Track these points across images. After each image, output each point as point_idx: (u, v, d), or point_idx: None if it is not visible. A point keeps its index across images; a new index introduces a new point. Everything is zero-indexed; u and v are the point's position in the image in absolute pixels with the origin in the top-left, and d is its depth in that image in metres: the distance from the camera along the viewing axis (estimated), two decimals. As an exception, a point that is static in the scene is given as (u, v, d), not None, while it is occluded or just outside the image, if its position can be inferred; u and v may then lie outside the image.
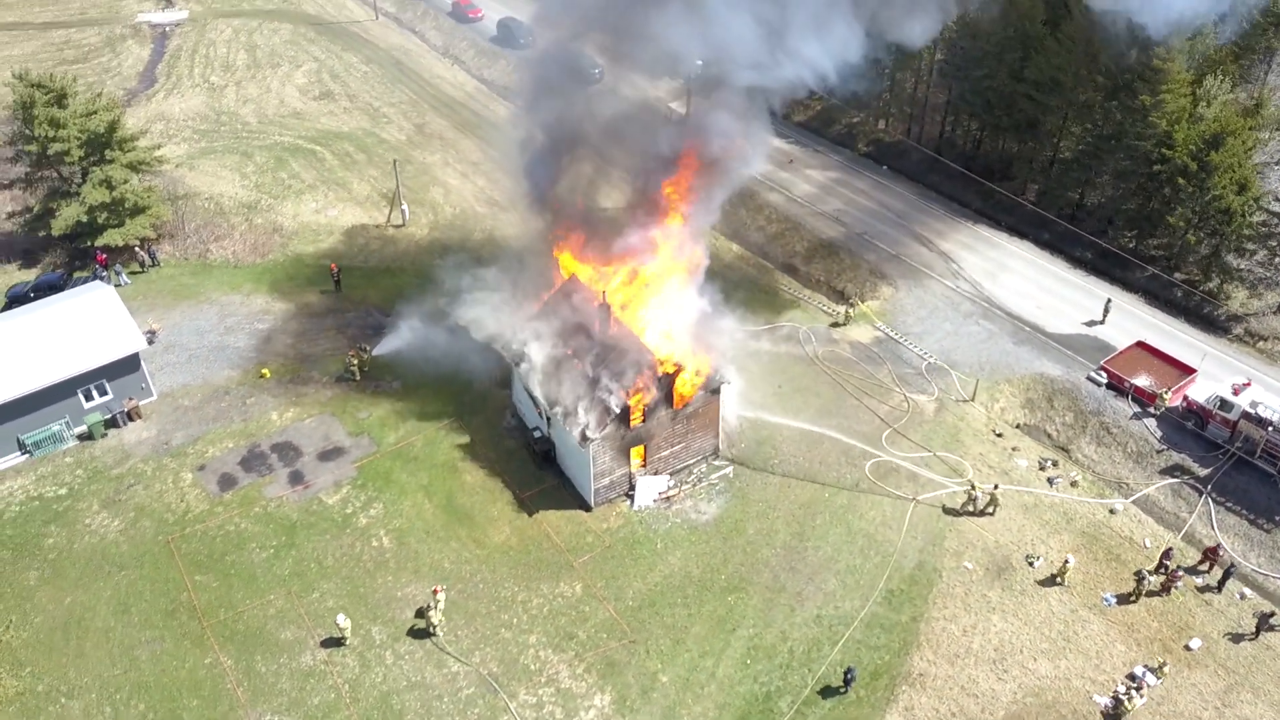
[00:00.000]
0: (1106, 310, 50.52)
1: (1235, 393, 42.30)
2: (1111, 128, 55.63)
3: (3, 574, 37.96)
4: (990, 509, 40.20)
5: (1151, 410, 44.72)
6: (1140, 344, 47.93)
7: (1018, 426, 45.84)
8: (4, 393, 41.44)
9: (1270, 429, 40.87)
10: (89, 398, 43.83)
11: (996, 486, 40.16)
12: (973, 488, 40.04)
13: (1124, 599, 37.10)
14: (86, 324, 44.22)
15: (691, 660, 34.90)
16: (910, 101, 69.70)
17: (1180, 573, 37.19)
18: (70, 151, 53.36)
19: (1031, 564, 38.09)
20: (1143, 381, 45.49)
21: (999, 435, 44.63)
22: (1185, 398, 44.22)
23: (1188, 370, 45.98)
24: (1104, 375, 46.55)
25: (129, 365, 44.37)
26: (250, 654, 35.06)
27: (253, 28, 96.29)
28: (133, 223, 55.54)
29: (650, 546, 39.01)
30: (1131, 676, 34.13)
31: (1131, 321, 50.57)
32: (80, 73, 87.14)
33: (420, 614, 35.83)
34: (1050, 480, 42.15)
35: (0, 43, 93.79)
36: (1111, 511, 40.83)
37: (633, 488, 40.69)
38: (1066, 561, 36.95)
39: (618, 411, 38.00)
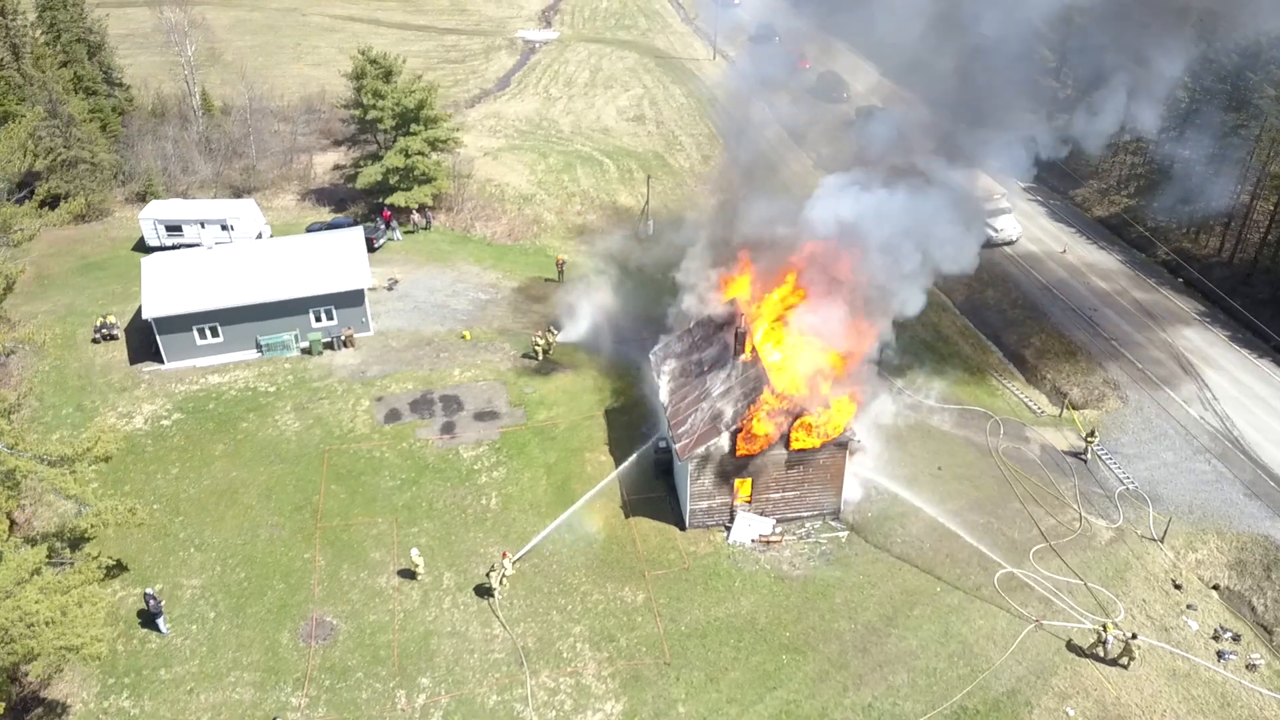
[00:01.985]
0: (1384, 485, 41.06)
1: None
2: None
3: (202, 440, 44.87)
4: (1124, 660, 34.20)
5: (1399, 615, 35.70)
6: None
7: (1214, 587, 38.54)
8: (256, 296, 49.05)
9: None
10: (318, 319, 50.54)
11: (1134, 636, 34.07)
12: (1104, 629, 34.31)
13: (1258, 816, 29.97)
14: (332, 258, 51.18)
15: (716, 702, 33.23)
16: (1230, 212, 60.89)
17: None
18: (384, 120, 61.94)
19: (1150, 737, 31.92)
20: (1399, 578, 36.44)
21: (1177, 587, 37.82)
22: None
23: None
24: (1349, 558, 37.88)
25: (354, 299, 50.59)
26: (340, 561, 38.59)
27: (605, 53, 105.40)
28: (419, 189, 63.24)
29: (728, 582, 37.66)
30: None
31: None
32: (453, 71, 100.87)
33: (489, 574, 37.36)
34: (1220, 654, 34.99)
35: (409, 39, 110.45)
36: (1289, 713, 33.11)
37: (733, 519, 39.52)
38: None
39: (720, 437, 37.24)
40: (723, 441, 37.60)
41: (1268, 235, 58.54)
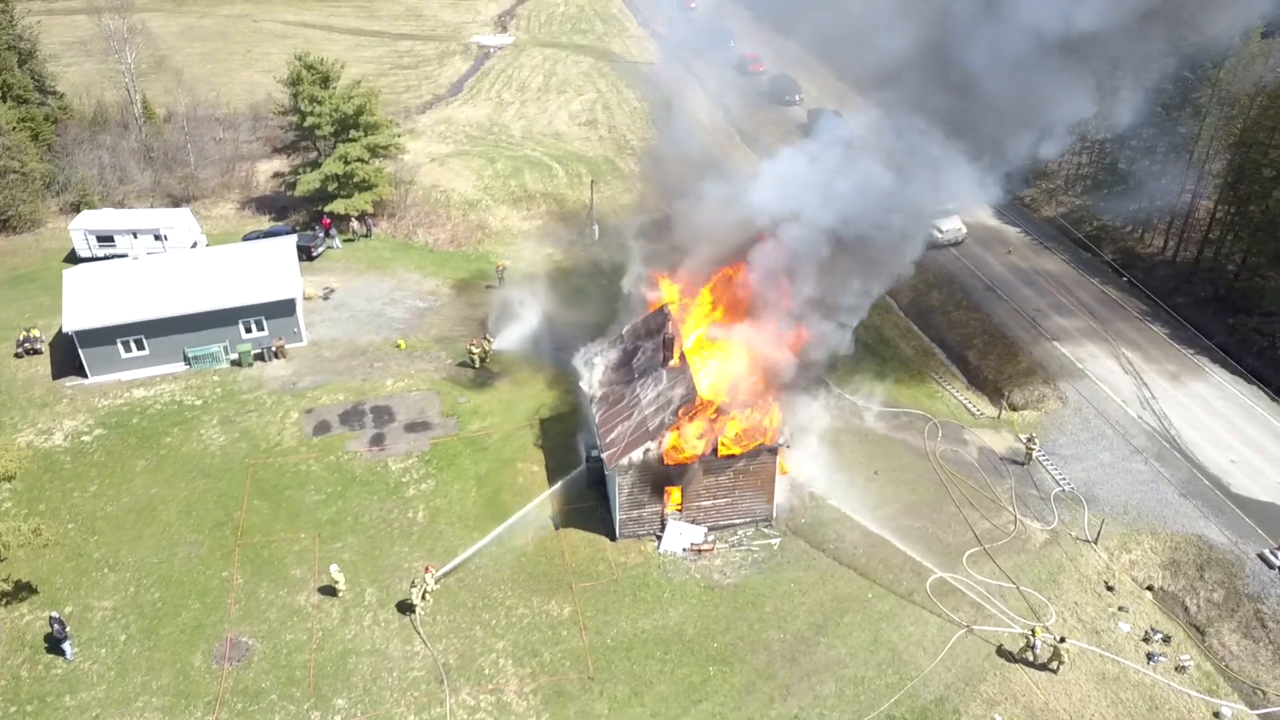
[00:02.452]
0: (1320, 483, 40.96)
1: None
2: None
3: (123, 456, 43.59)
4: (1053, 664, 33.75)
5: (1330, 614, 35.52)
6: (1346, 532, 38.33)
7: (1148, 588, 38.22)
8: (183, 308, 47.88)
9: None
10: (248, 330, 49.37)
11: (1062, 639, 33.65)
12: (1033, 633, 33.87)
13: (1184, 821, 29.56)
14: (262, 268, 50.09)
15: (640, 717, 32.46)
16: (1174, 211, 60.89)
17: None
18: (321, 126, 60.90)
19: (1078, 742, 31.45)
20: (1329, 576, 36.26)
21: (1109, 588, 37.46)
22: (1376, 609, 34.62)
23: (1402, 579, 36.04)
24: (1281, 557, 37.74)
25: (285, 309, 49.50)
26: (260, 579, 37.51)
27: (560, 58, 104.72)
28: (359, 197, 62.20)
29: (657, 593, 36.91)
30: None
31: (1354, 505, 40.54)
32: (406, 77, 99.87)
33: (411, 588, 36.37)
34: (1150, 656, 34.63)
35: (362, 44, 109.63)
36: (1216, 715, 32.72)
37: (664, 528, 38.79)
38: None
39: (648, 445, 36.53)
40: (651, 450, 36.87)
41: (1208, 234, 58.66)
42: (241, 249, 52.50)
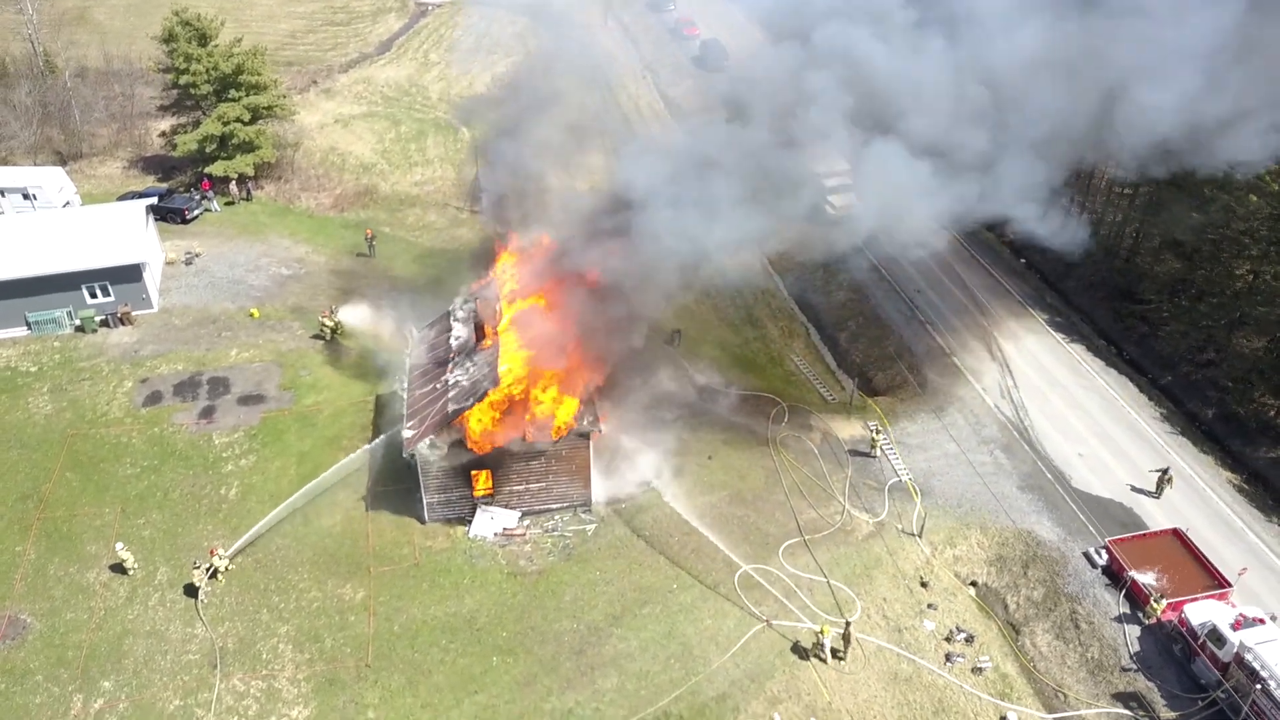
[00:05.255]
0: (1162, 483, 39.69)
1: (1236, 626, 31.49)
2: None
3: (-59, 425, 42.51)
4: (839, 655, 32.85)
5: (1141, 616, 34.57)
6: (1175, 532, 37.23)
7: (973, 584, 37.29)
8: (21, 271, 46.49)
9: (1260, 686, 29.96)
10: (93, 295, 48.00)
11: (848, 625, 32.77)
12: (821, 632, 32.92)
13: (946, 829, 28.77)
14: (108, 231, 48.57)
15: (409, 708, 31.62)
16: (1076, 189, 59.23)
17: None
18: (198, 85, 59.01)
19: (854, 746, 30.60)
20: (1146, 578, 35.20)
21: (924, 585, 36.45)
22: (1182, 614, 33.60)
23: (1223, 582, 34.97)
24: (1105, 555, 36.67)
25: (131, 274, 48.08)
26: (52, 555, 36.54)
27: (496, 17, 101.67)
28: (240, 159, 60.46)
29: (457, 579, 35.95)
30: None
31: (1200, 507, 39.34)
32: (336, 34, 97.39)
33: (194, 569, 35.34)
34: (949, 656, 33.71)
35: None
36: (1003, 719, 31.89)
37: (474, 513, 37.76)
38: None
39: (446, 431, 35.36)
40: (449, 435, 35.69)
41: (1103, 216, 57.09)
42: (89, 211, 51.09)
